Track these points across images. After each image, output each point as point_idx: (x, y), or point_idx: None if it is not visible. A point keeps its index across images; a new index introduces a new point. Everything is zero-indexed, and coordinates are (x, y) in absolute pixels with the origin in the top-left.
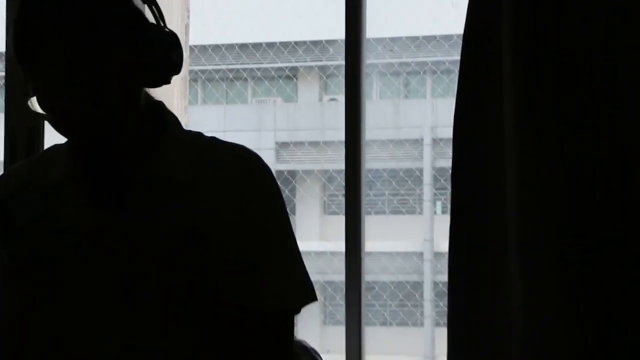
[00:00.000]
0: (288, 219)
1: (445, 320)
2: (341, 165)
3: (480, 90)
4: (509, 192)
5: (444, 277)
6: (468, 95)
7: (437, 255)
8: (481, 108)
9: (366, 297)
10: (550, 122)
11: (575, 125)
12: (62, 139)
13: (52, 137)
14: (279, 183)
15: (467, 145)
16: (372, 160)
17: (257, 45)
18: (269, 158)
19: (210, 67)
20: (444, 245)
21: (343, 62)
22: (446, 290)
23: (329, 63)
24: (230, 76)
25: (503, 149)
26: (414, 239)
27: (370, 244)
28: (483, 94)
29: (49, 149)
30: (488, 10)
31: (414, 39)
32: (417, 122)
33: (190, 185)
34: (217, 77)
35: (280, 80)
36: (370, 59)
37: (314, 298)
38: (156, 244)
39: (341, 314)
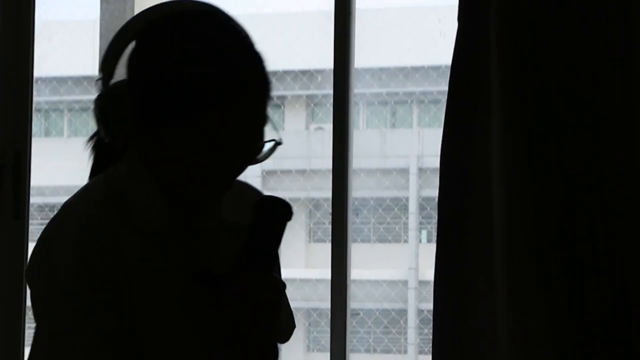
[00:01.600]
0: None
1: (429, 347)
2: (328, 193)
3: (467, 121)
4: (496, 221)
5: (428, 305)
6: (455, 125)
7: (421, 283)
8: (468, 138)
9: (351, 324)
10: (538, 153)
11: (563, 155)
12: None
13: (39, 160)
14: None
15: (454, 175)
16: (358, 189)
17: None
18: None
19: None
20: (428, 274)
21: (331, 91)
22: (430, 318)
23: (316, 92)
24: None
25: (490, 179)
26: (399, 267)
27: (356, 271)
28: (470, 124)
29: (101, 186)
30: (476, 41)
31: (402, 68)
32: (403, 151)
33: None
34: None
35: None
36: (358, 88)
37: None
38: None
39: (326, 340)
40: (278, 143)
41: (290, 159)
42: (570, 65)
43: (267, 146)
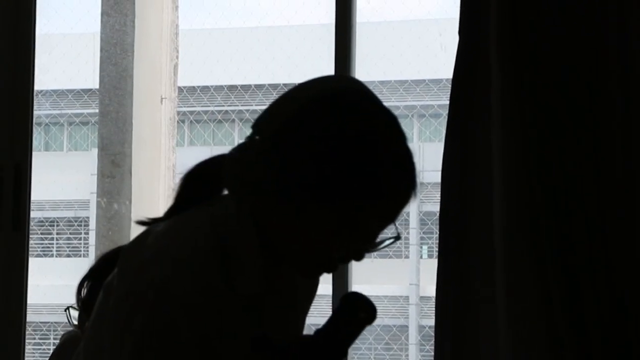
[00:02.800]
0: None
1: None
2: None
3: (468, 135)
4: (497, 236)
5: (429, 321)
6: (456, 139)
7: (422, 299)
8: (469, 153)
9: None
10: (539, 167)
11: (565, 168)
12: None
13: (39, 173)
14: None
15: (455, 190)
16: None
17: (245, 87)
18: None
19: (198, 108)
20: (429, 289)
21: None
22: (432, 334)
23: None
24: (219, 117)
25: (491, 194)
26: (400, 282)
27: (357, 286)
28: (472, 138)
29: (210, 238)
30: (477, 55)
31: (402, 82)
32: None
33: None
34: (205, 118)
35: None
36: None
37: None
38: None
39: None
40: (398, 238)
41: None
42: (571, 76)
43: (387, 241)
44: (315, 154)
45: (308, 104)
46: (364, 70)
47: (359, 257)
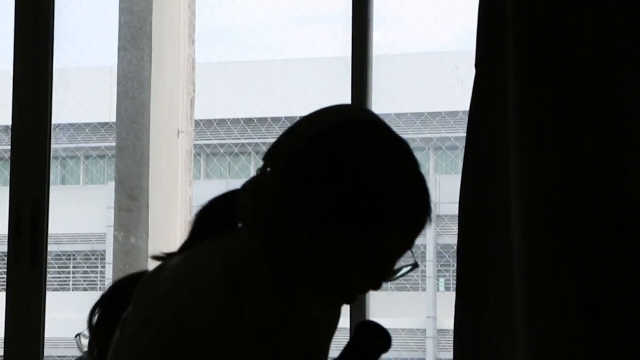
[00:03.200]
0: None
1: None
2: None
3: (485, 167)
4: (516, 270)
5: (447, 354)
6: (473, 172)
7: (440, 332)
8: (487, 185)
9: None
10: (558, 202)
11: (584, 204)
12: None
13: (56, 207)
14: None
15: (472, 222)
16: None
17: (262, 120)
18: None
19: (215, 141)
20: (447, 322)
21: None
22: None
23: None
24: (235, 150)
25: (509, 227)
26: (417, 315)
27: (374, 319)
28: (488, 171)
29: (222, 271)
30: (494, 87)
31: (419, 114)
32: None
33: None
34: (221, 151)
35: None
36: None
37: None
38: None
39: None
40: (416, 266)
41: None
42: (586, 109)
43: (404, 271)
44: (328, 182)
45: (318, 134)
46: (380, 103)
47: (376, 286)
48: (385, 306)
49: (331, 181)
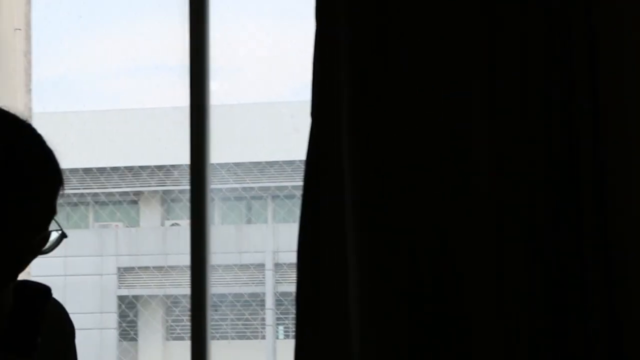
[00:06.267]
0: None
1: None
2: (186, 289)
3: (322, 215)
4: (353, 313)
5: None
6: (310, 219)
7: None
8: (323, 232)
9: None
10: (393, 250)
11: (417, 248)
12: None
13: None
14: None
15: (310, 269)
16: (216, 284)
17: (101, 169)
18: (111, 283)
19: None
20: None
21: (187, 187)
22: None
23: (173, 187)
24: (74, 200)
25: (347, 274)
26: None
27: None
28: (325, 218)
29: None
30: (329, 135)
31: (257, 163)
32: (260, 246)
33: None
34: (60, 201)
35: (124, 205)
36: (214, 183)
37: None
38: None
39: None
40: (63, 235)
41: (147, 256)
42: (420, 153)
43: (53, 238)
44: None
45: None
46: (219, 152)
47: (33, 252)
48: (226, 355)
49: None
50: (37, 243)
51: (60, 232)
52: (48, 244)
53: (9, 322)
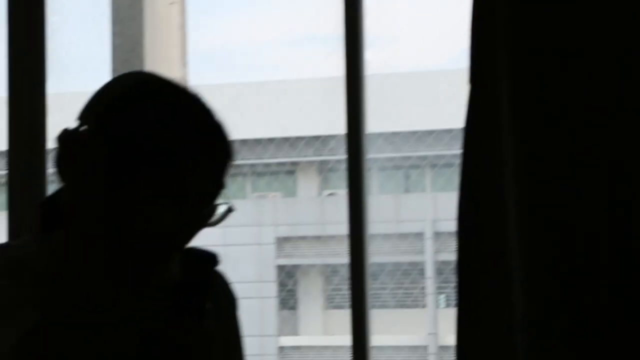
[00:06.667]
0: None
1: None
2: (344, 258)
3: (481, 183)
4: (515, 283)
5: None
6: (469, 187)
7: (442, 348)
8: (483, 201)
9: None
10: (554, 214)
11: (582, 214)
12: None
13: None
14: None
15: (471, 238)
16: (375, 254)
17: (257, 141)
18: (269, 253)
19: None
20: (448, 339)
21: (344, 157)
22: None
23: (329, 157)
24: (232, 171)
25: (507, 242)
26: (419, 332)
27: (376, 337)
28: (484, 187)
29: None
30: (487, 103)
31: (414, 132)
32: (419, 215)
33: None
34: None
35: (281, 175)
36: (371, 152)
37: None
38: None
39: None
40: (231, 209)
41: (305, 225)
42: (584, 115)
43: (220, 211)
44: (139, 131)
45: (123, 94)
46: (375, 122)
47: (196, 225)
48: (386, 324)
49: (143, 130)
50: (205, 215)
51: (227, 205)
52: (215, 217)
53: (179, 290)
